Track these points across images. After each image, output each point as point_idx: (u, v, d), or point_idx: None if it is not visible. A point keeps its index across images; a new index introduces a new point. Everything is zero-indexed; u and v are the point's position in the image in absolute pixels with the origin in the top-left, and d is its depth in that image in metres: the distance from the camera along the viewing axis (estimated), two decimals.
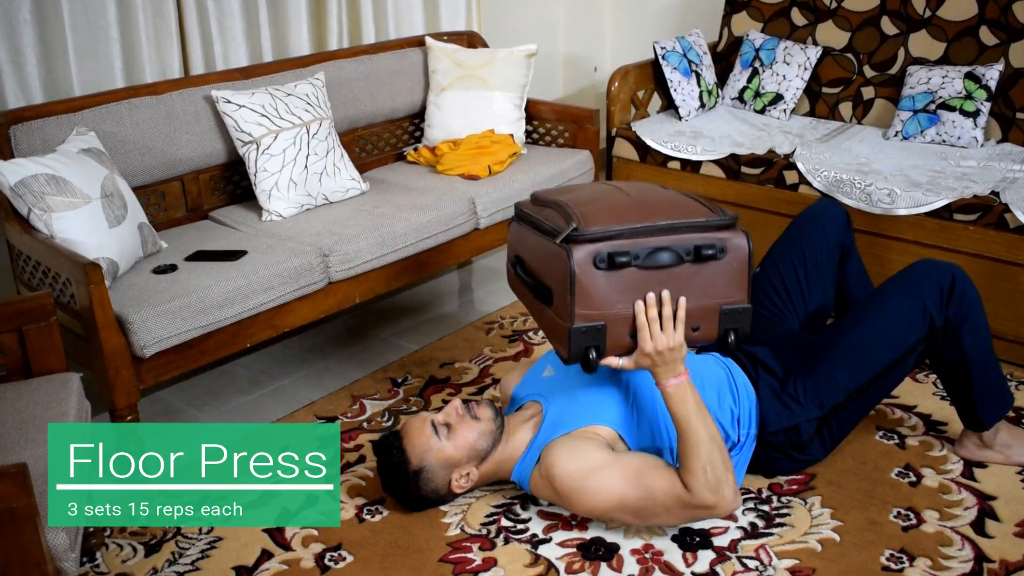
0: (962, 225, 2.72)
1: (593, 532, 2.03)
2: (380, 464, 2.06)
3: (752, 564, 1.93)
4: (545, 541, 2.01)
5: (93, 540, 2.01)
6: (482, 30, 3.95)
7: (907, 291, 2.08)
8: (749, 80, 3.62)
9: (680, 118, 3.55)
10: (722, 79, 3.77)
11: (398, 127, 3.44)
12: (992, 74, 3.09)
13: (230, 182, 2.94)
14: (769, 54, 3.59)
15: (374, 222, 2.70)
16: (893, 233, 2.84)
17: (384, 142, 3.40)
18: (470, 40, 3.59)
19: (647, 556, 1.95)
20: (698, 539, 2.00)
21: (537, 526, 2.06)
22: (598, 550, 1.97)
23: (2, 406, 1.83)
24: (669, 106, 3.68)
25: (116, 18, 2.83)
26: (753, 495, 2.13)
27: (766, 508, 2.09)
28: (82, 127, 2.49)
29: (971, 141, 3.08)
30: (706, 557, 1.95)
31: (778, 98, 3.54)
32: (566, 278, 1.80)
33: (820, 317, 2.37)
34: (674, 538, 2.00)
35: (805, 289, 2.33)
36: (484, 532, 2.04)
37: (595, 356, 1.85)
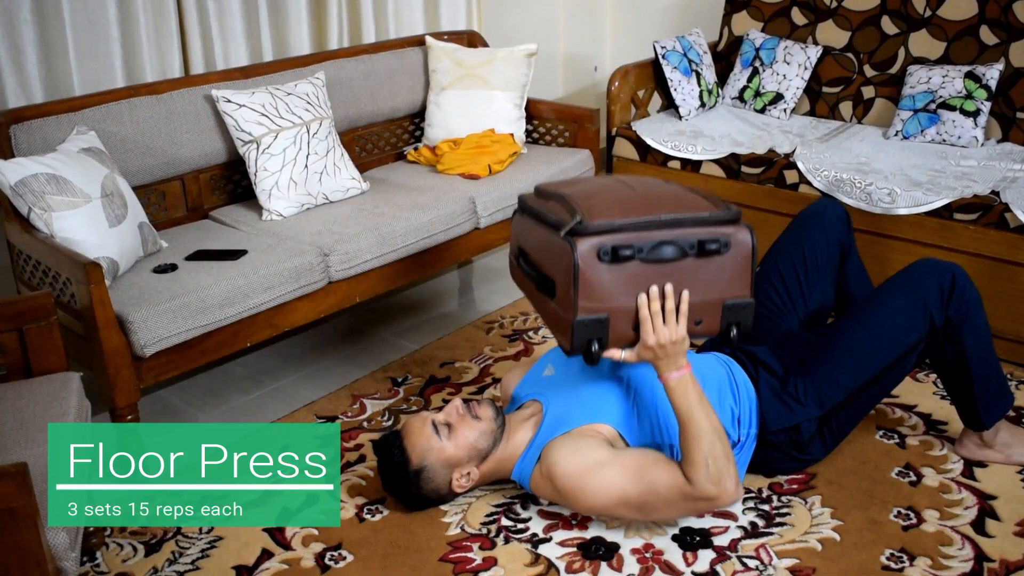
0: (962, 224, 2.72)
1: (593, 531, 2.03)
2: (380, 463, 2.06)
3: (752, 563, 1.93)
4: (545, 540, 2.01)
5: (93, 539, 2.01)
6: (482, 29, 3.95)
7: (907, 290, 2.08)
8: (749, 79, 3.62)
9: (680, 117, 3.54)
10: (722, 78, 3.77)
11: (398, 126, 3.44)
12: (992, 73, 3.09)
13: (230, 181, 2.94)
14: (769, 53, 3.58)
15: (374, 221, 2.70)
16: (893, 232, 2.84)
17: (384, 141, 3.40)
18: (470, 39, 3.59)
19: (647, 555, 1.95)
20: (698, 538, 2.00)
21: (537, 525, 2.06)
22: (598, 549, 1.97)
23: (2, 406, 1.83)
24: (669, 105, 3.68)
25: (116, 17, 2.83)
26: (753, 495, 2.13)
27: (766, 507, 2.09)
28: (82, 126, 2.49)
29: (971, 140, 3.08)
30: (706, 556, 1.95)
31: (778, 97, 3.53)
32: (569, 271, 1.80)
33: (820, 316, 2.37)
34: (674, 537, 2.00)
35: (805, 288, 2.33)
36: (484, 531, 2.04)
37: (597, 348, 1.85)
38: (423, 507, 2.09)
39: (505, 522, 2.07)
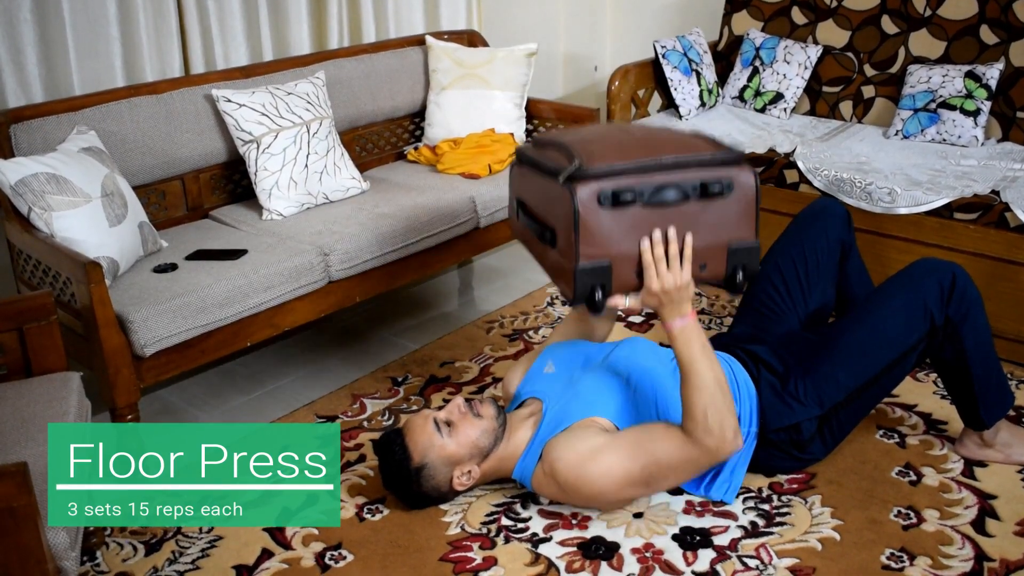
0: (962, 224, 2.72)
1: (594, 531, 2.03)
2: (381, 461, 2.06)
3: (752, 563, 1.93)
4: (545, 540, 2.01)
5: (93, 539, 2.01)
6: (482, 29, 3.95)
7: (908, 290, 2.08)
8: (749, 79, 3.62)
9: (680, 117, 3.54)
10: (722, 78, 3.77)
11: (398, 126, 3.44)
12: (992, 73, 3.08)
13: (230, 181, 2.94)
14: (769, 53, 3.58)
15: (374, 221, 2.70)
16: (893, 232, 2.84)
17: (384, 141, 3.40)
18: (470, 39, 3.59)
19: (647, 555, 1.95)
20: (698, 538, 2.00)
21: (537, 525, 2.05)
22: (598, 549, 1.97)
23: (2, 405, 1.83)
24: (669, 105, 3.67)
25: (116, 17, 2.83)
26: (753, 494, 2.13)
27: (766, 507, 2.09)
28: (82, 126, 2.49)
29: (971, 140, 3.08)
30: (706, 556, 1.94)
31: (778, 97, 3.53)
32: (570, 217, 1.76)
33: (821, 316, 2.37)
34: (674, 537, 2.00)
35: (806, 288, 2.33)
36: (484, 531, 2.04)
37: (601, 296, 1.81)
38: (423, 506, 2.09)
39: (505, 521, 2.07)
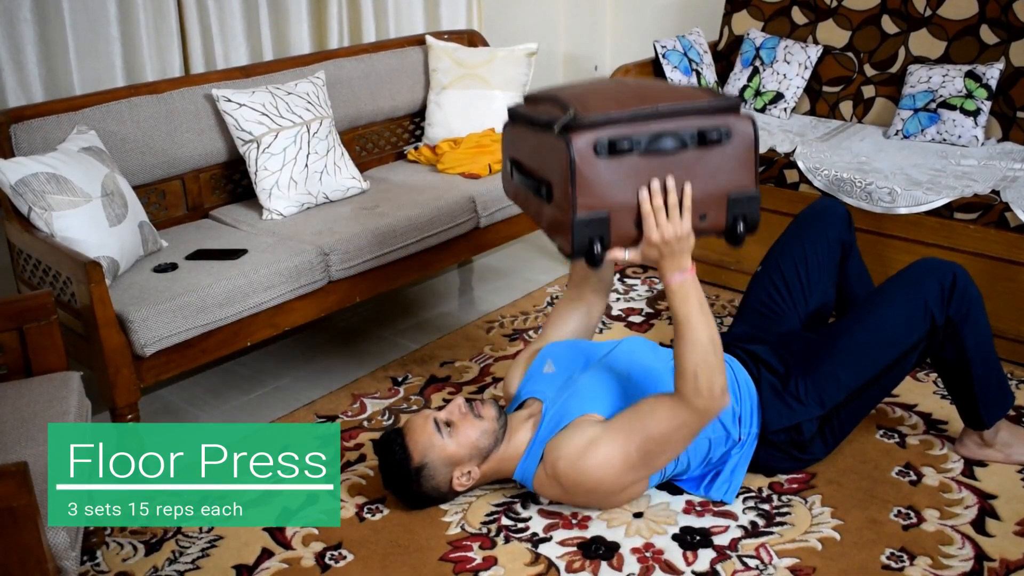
0: (963, 224, 2.72)
1: (594, 531, 2.03)
2: (381, 460, 2.06)
3: (752, 563, 1.93)
4: (545, 540, 2.01)
5: (93, 539, 2.01)
6: (482, 29, 3.95)
7: (908, 290, 2.08)
8: (749, 79, 3.61)
9: None
10: (722, 78, 3.77)
11: (398, 126, 3.44)
12: (992, 73, 3.08)
13: (230, 181, 2.94)
14: (769, 53, 3.58)
15: (375, 221, 2.70)
16: (894, 232, 2.84)
17: (384, 141, 3.40)
18: (470, 39, 3.59)
19: (647, 555, 1.95)
20: (698, 538, 2.00)
21: (537, 525, 2.05)
22: (598, 549, 1.97)
23: (2, 405, 1.83)
24: None
25: (117, 17, 2.83)
26: (753, 494, 2.13)
27: (766, 507, 2.09)
28: (83, 126, 2.49)
29: (971, 140, 3.08)
30: (706, 556, 1.94)
31: (778, 97, 3.53)
32: (566, 168, 1.71)
33: (821, 316, 2.37)
34: (674, 537, 2.00)
35: (806, 288, 2.33)
36: (484, 531, 2.04)
37: (600, 249, 1.77)
38: (423, 506, 2.09)
39: (505, 521, 2.07)
